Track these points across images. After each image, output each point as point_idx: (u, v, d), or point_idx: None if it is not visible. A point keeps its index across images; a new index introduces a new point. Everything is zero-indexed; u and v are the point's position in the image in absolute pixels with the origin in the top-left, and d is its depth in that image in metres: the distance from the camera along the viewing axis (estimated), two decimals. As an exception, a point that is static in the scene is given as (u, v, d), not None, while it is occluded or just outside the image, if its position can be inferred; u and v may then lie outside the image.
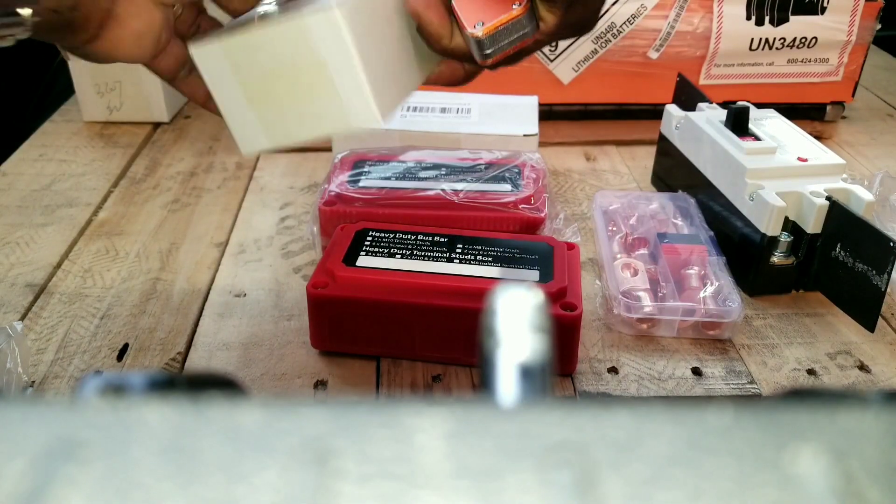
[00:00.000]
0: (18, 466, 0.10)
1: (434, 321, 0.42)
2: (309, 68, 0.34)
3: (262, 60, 0.34)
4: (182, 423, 0.11)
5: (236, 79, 0.35)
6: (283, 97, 0.35)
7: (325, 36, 0.33)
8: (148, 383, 0.14)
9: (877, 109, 0.81)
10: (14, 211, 0.60)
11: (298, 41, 0.33)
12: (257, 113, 0.36)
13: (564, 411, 0.11)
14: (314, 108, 0.35)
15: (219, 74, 0.35)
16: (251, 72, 0.35)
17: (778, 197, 0.46)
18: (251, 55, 0.34)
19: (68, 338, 0.46)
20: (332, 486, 0.10)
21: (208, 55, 0.35)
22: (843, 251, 0.45)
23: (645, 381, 0.43)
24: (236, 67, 0.35)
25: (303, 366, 0.44)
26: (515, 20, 0.36)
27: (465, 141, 0.61)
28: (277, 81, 0.35)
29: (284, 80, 0.34)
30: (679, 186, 0.58)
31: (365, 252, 0.45)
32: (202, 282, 0.51)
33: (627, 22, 0.69)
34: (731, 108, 0.53)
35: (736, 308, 0.45)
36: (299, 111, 0.35)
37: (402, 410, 0.11)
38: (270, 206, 0.61)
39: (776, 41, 0.71)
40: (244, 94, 0.36)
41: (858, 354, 0.45)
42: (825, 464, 0.10)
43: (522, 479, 0.10)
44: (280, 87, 0.35)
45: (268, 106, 0.36)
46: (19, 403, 0.11)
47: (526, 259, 0.45)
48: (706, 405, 0.11)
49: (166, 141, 0.73)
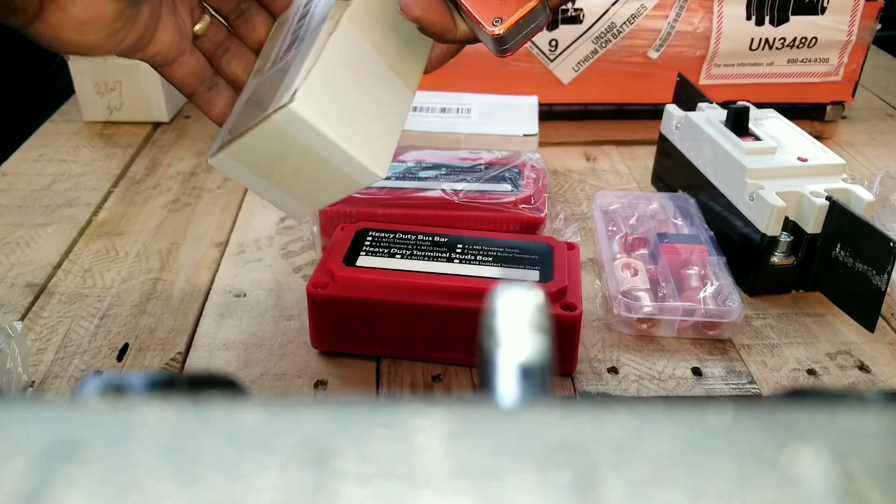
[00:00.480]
0: (18, 466, 0.10)
1: (434, 321, 0.42)
2: (300, 153, 0.35)
3: (263, 154, 0.36)
4: (182, 423, 0.11)
5: (252, 172, 0.37)
6: (296, 177, 0.37)
7: (295, 126, 0.33)
8: (148, 383, 0.14)
9: (877, 109, 0.81)
10: (14, 211, 0.60)
11: (278, 136, 0.34)
12: (284, 192, 0.38)
13: (564, 411, 0.11)
14: (326, 179, 0.36)
15: (239, 171, 0.37)
16: (260, 164, 0.36)
17: (778, 197, 0.46)
18: (252, 153, 0.36)
19: (68, 338, 0.46)
20: (332, 486, 0.10)
21: (223, 161, 0.37)
22: (843, 251, 0.45)
23: (645, 381, 0.43)
24: (247, 164, 0.37)
25: (303, 366, 0.44)
26: (532, 11, 0.34)
27: (466, 141, 0.61)
28: (285, 166, 0.36)
29: (289, 164, 0.36)
30: (679, 186, 0.58)
31: (365, 252, 0.45)
32: (202, 282, 0.51)
33: (627, 22, 0.69)
34: (731, 108, 0.53)
35: (736, 308, 0.45)
36: (316, 184, 0.37)
37: (402, 410, 0.11)
38: (270, 206, 0.61)
39: (776, 41, 0.71)
40: (266, 181, 0.37)
41: (858, 354, 0.45)
42: (825, 464, 0.10)
43: (522, 479, 0.10)
44: (288, 169, 0.36)
45: (289, 185, 0.37)
46: (19, 403, 0.11)
47: (526, 259, 0.45)
48: (706, 405, 0.11)
49: (166, 141, 0.73)
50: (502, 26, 0.34)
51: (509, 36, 0.34)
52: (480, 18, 0.34)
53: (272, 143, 0.35)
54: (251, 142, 0.35)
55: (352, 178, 0.36)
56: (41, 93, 1.04)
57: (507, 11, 0.34)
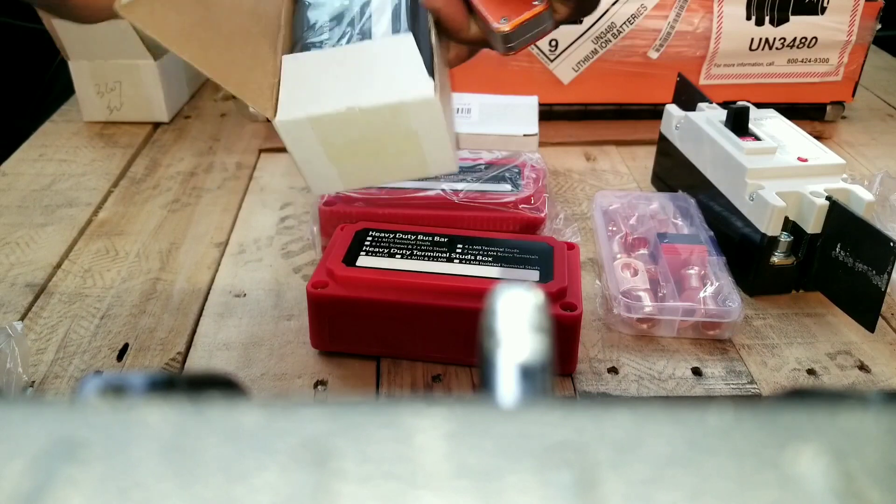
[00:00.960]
0: (18, 466, 0.10)
1: (434, 321, 0.42)
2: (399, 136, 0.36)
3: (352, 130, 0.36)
4: (182, 423, 0.11)
5: (319, 142, 0.37)
6: (367, 156, 0.37)
7: (420, 113, 0.35)
8: (148, 383, 0.14)
9: (877, 109, 0.81)
10: (14, 211, 0.60)
11: (393, 117, 0.35)
12: (338, 168, 0.38)
13: (564, 411, 0.11)
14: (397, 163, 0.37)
15: (301, 138, 0.36)
16: (337, 138, 0.36)
17: (778, 197, 0.46)
18: (340, 126, 0.36)
19: (68, 338, 0.46)
20: (332, 486, 0.10)
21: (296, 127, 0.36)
22: (843, 251, 0.45)
23: (645, 381, 0.43)
24: (322, 134, 0.36)
25: (303, 366, 0.44)
26: (538, 15, 0.37)
27: (466, 141, 0.61)
28: (364, 145, 0.37)
29: (371, 144, 0.36)
30: (679, 186, 0.58)
31: (365, 252, 0.45)
32: (202, 282, 0.51)
33: (627, 22, 0.69)
34: (731, 108, 0.53)
35: (736, 308, 0.45)
36: (381, 165, 0.38)
37: (402, 410, 0.11)
38: (270, 206, 0.61)
39: (776, 41, 0.71)
40: (326, 154, 0.37)
41: (858, 354, 0.45)
42: (825, 464, 0.10)
43: (522, 479, 0.10)
44: (366, 148, 0.37)
45: (349, 162, 0.38)
46: (19, 403, 0.11)
47: (526, 259, 0.45)
48: (706, 405, 0.11)
49: (166, 141, 0.73)
50: (508, 24, 0.37)
51: (514, 35, 0.37)
52: (489, 15, 0.37)
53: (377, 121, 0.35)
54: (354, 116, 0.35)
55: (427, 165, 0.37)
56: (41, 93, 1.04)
57: (514, 12, 0.37)
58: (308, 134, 0.36)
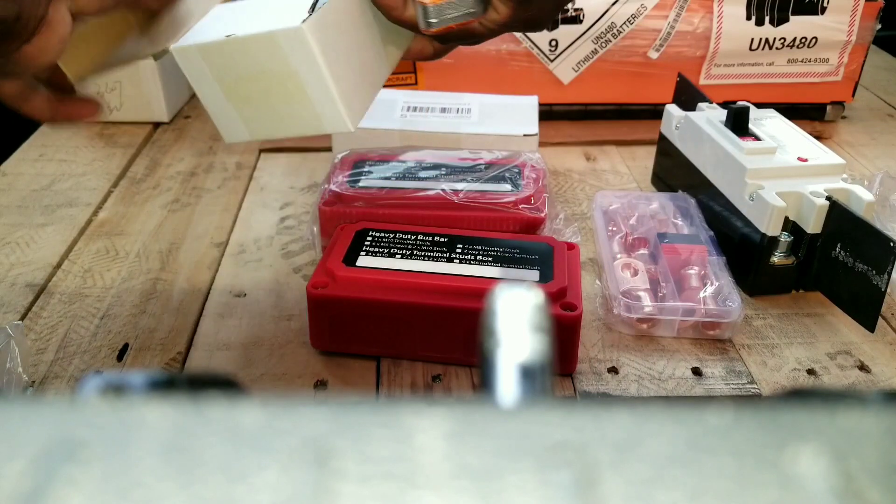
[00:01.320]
0: (18, 466, 0.10)
1: (434, 321, 0.42)
2: (281, 76, 0.36)
3: (238, 64, 0.37)
4: (182, 423, 0.11)
5: (213, 77, 0.38)
6: (259, 98, 0.38)
7: (295, 48, 0.35)
8: (148, 383, 0.14)
9: (877, 109, 0.81)
10: (14, 211, 0.60)
11: (270, 51, 0.35)
12: (236, 108, 0.39)
13: (564, 411, 0.11)
14: (289, 110, 0.37)
15: (199, 72, 0.38)
16: (227, 73, 0.37)
17: (778, 197, 0.46)
18: (227, 58, 0.37)
19: (68, 338, 0.46)
20: (332, 486, 0.10)
21: (188, 54, 0.37)
22: (843, 251, 0.45)
23: (645, 381, 0.43)
24: (213, 67, 0.37)
25: (303, 366, 0.44)
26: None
27: (466, 141, 0.61)
28: (253, 84, 0.37)
29: (259, 83, 0.37)
30: (679, 186, 0.58)
31: (365, 252, 0.45)
32: (202, 282, 0.51)
33: (627, 22, 0.69)
34: (731, 108, 0.53)
35: (736, 308, 0.45)
36: (275, 111, 0.38)
37: (402, 410, 0.11)
38: (270, 206, 0.61)
39: (776, 41, 0.71)
40: (222, 91, 0.38)
41: (858, 354, 0.45)
42: (825, 464, 0.10)
43: (522, 479, 0.10)
44: (256, 88, 0.37)
45: (245, 103, 0.38)
46: (19, 403, 0.11)
47: (526, 259, 0.45)
48: (706, 405, 0.11)
49: (166, 141, 0.73)
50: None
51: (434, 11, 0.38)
52: None
53: (258, 55, 0.36)
54: (235, 47, 0.36)
55: (320, 120, 0.37)
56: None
57: None
58: (200, 65, 0.37)
